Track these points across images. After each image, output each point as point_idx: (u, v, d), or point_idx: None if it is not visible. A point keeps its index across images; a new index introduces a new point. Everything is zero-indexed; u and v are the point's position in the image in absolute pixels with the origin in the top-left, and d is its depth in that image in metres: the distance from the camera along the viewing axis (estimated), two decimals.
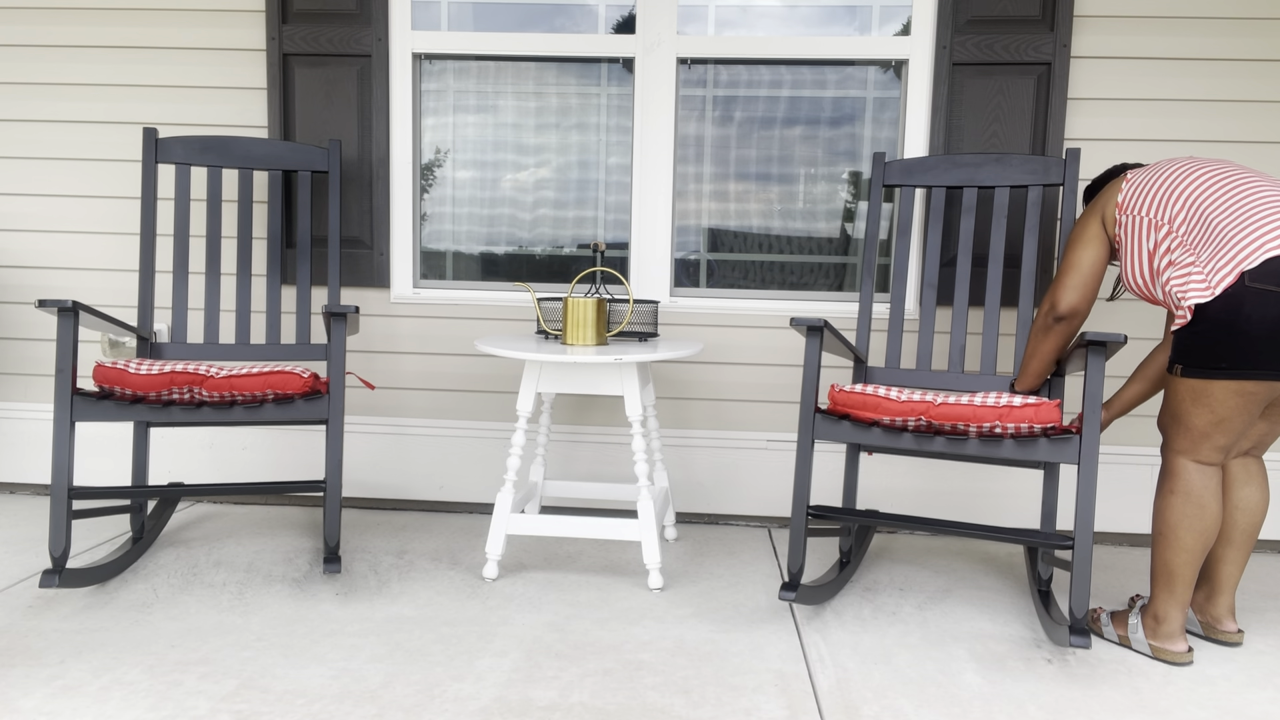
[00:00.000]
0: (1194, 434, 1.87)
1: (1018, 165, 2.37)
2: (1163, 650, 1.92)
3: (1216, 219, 1.83)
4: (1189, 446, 1.89)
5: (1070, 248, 2.06)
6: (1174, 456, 1.92)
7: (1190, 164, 1.96)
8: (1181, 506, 1.88)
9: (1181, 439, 1.89)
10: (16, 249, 2.91)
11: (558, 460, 2.88)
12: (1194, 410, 1.86)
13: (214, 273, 2.56)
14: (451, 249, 2.93)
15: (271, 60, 2.77)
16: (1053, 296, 2.06)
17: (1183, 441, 1.89)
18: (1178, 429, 1.90)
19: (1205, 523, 1.88)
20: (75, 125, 2.86)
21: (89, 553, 2.46)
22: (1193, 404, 1.86)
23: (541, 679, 1.77)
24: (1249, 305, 1.75)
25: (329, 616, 2.05)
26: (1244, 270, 1.75)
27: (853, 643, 1.98)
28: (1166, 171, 1.96)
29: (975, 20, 2.62)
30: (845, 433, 2.03)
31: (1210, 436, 1.86)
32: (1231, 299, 1.76)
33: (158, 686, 1.70)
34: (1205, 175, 1.91)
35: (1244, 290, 1.75)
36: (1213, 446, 1.87)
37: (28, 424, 2.96)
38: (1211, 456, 1.88)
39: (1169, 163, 2.00)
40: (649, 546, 2.25)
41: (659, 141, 2.78)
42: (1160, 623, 1.92)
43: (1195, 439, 1.88)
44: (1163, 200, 1.92)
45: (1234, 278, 1.76)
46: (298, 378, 2.16)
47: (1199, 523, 1.88)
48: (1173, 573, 1.90)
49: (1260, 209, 1.79)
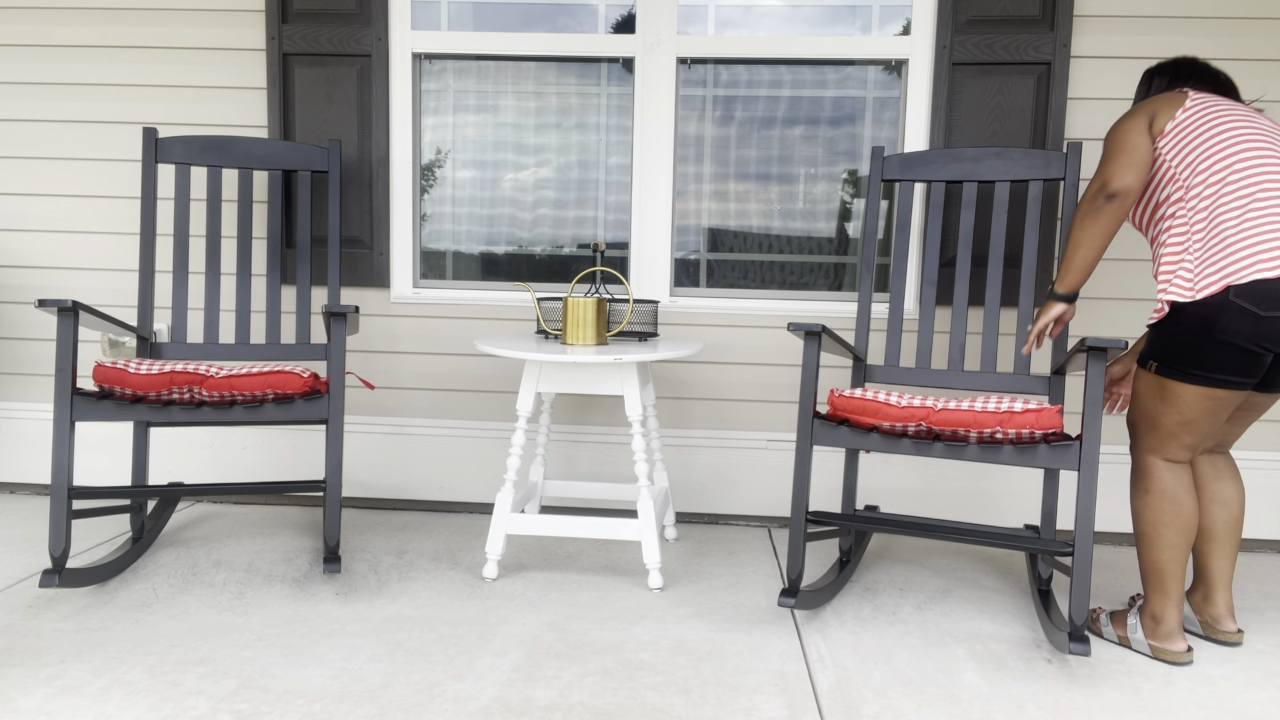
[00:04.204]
0: (1162, 433, 1.90)
1: (1018, 159, 2.35)
2: (1162, 650, 1.92)
3: (1223, 218, 1.81)
4: (1157, 445, 1.91)
5: (1118, 135, 1.92)
6: (1144, 455, 1.94)
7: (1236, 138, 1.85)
8: (1158, 505, 1.90)
9: (1150, 437, 1.92)
10: (16, 249, 2.91)
11: (558, 460, 2.88)
12: (1162, 409, 1.88)
13: (214, 273, 2.56)
14: (451, 249, 2.92)
15: (271, 60, 2.77)
16: (1103, 176, 1.90)
17: (1151, 440, 1.92)
18: (1146, 426, 1.92)
19: (1183, 518, 1.89)
20: (76, 125, 2.86)
21: (89, 553, 2.46)
22: (1162, 402, 1.88)
23: (541, 679, 1.77)
24: (1228, 317, 1.75)
25: (329, 616, 2.05)
26: (1231, 284, 1.75)
27: (853, 643, 1.98)
28: (1213, 134, 1.87)
29: (975, 20, 2.62)
30: (844, 438, 2.02)
31: (1177, 436, 1.88)
32: (1211, 307, 1.77)
33: (158, 686, 1.70)
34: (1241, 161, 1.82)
35: (1225, 302, 1.75)
36: (1180, 445, 1.90)
37: (28, 424, 2.96)
38: (1179, 454, 1.91)
39: (1221, 120, 1.88)
40: (649, 546, 2.25)
41: (659, 141, 2.78)
42: (1158, 622, 1.92)
43: (1163, 438, 1.90)
44: (1193, 166, 1.87)
45: (1219, 288, 1.76)
46: (298, 377, 2.16)
47: (1178, 519, 1.89)
48: (1161, 571, 1.91)
49: (1267, 222, 1.76)
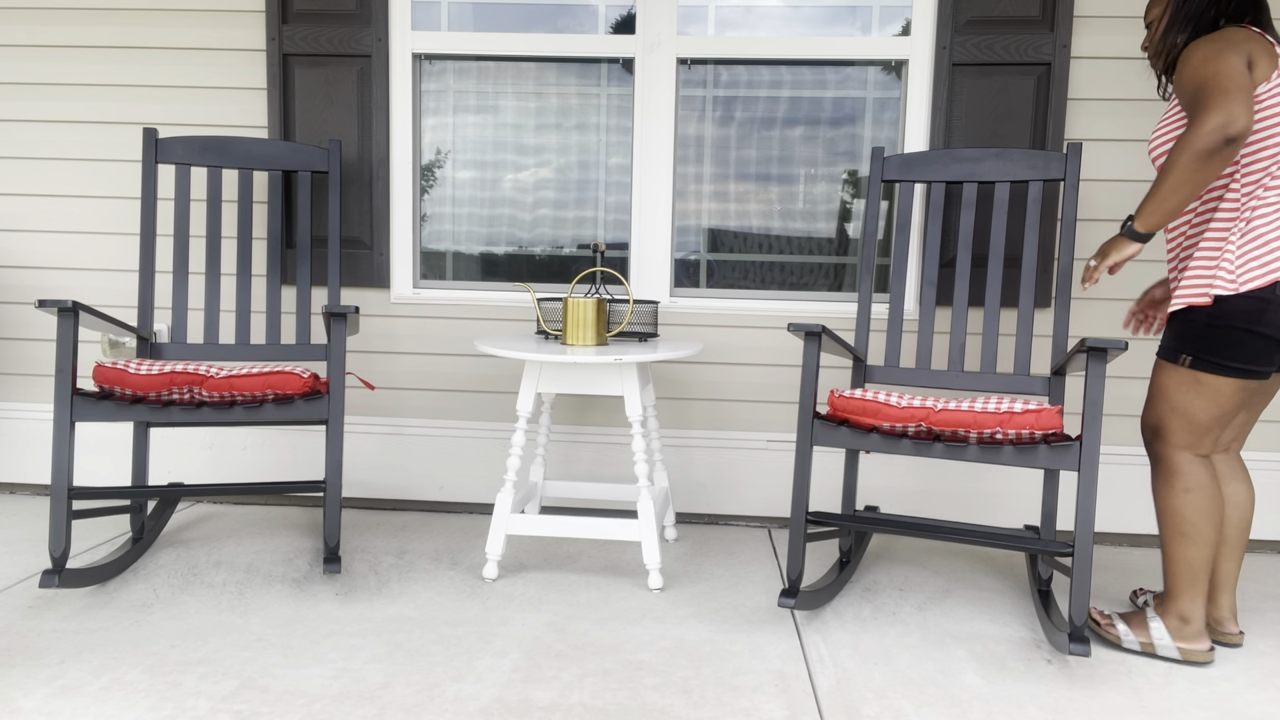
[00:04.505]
0: (1198, 427, 1.86)
1: (1019, 160, 2.34)
2: (1191, 651, 1.89)
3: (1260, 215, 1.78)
4: (1193, 440, 1.87)
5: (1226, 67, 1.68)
6: (1177, 453, 1.89)
7: None
8: (1198, 502, 1.87)
9: (1185, 433, 1.87)
10: (16, 249, 2.91)
11: (558, 460, 2.88)
12: (1198, 403, 1.84)
13: (214, 273, 2.56)
14: (451, 249, 2.92)
15: (271, 60, 2.76)
16: (1223, 113, 1.65)
17: (1186, 436, 1.87)
18: (1180, 423, 1.87)
19: (1219, 513, 1.87)
20: (75, 125, 2.86)
21: (89, 553, 2.46)
22: (1197, 396, 1.84)
23: (541, 679, 1.76)
24: (1271, 311, 1.76)
25: (329, 616, 2.05)
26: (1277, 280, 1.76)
27: (853, 643, 1.98)
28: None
29: (975, 20, 2.62)
30: (844, 438, 2.02)
31: (1211, 430, 1.86)
32: (1258, 300, 1.76)
33: (158, 687, 1.70)
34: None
35: (1272, 295, 1.76)
36: (1212, 439, 1.88)
37: (28, 424, 2.96)
38: (1210, 449, 1.89)
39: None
40: (649, 547, 2.25)
41: (659, 142, 2.78)
42: (1187, 622, 1.89)
43: (1199, 433, 1.86)
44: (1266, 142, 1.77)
45: (1265, 282, 1.76)
46: (298, 378, 2.16)
47: (1216, 515, 1.87)
48: (1196, 570, 1.88)
49: None
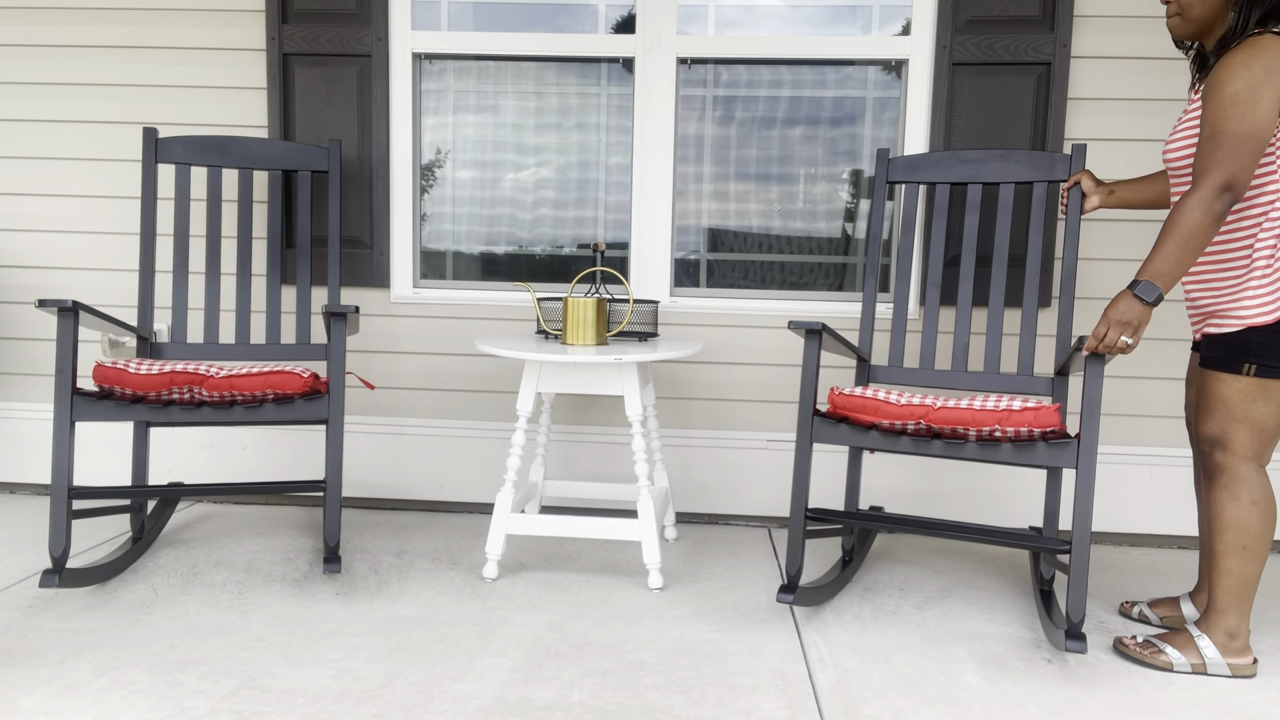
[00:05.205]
0: (1267, 435, 1.82)
1: (1022, 161, 2.34)
2: (1241, 666, 1.85)
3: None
4: (1260, 449, 1.83)
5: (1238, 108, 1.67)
6: (1245, 464, 1.84)
7: None
8: (1263, 515, 1.83)
9: (1254, 442, 1.83)
10: (17, 249, 2.91)
11: (558, 460, 2.88)
12: (1266, 410, 1.81)
13: (214, 273, 2.56)
14: (451, 249, 2.92)
15: (271, 60, 2.76)
16: (1228, 172, 1.67)
17: (1256, 445, 1.83)
18: (1248, 432, 1.82)
19: (1275, 525, 1.85)
20: (75, 125, 2.86)
21: (89, 553, 2.46)
22: (1265, 403, 1.80)
23: (541, 679, 1.76)
24: None
25: (329, 616, 2.05)
26: None
27: (853, 642, 1.98)
28: None
29: (975, 20, 2.62)
30: (844, 435, 2.02)
31: (1276, 436, 1.84)
32: None
33: (158, 686, 1.70)
34: None
35: None
36: (1273, 447, 1.85)
37: (28, 424, 2.96)
38: (1270, 457, 1.86)
39: None
40: (649, 546, 2.25)
41: (659, 141, 2.78)
42: (1235, 638, 1.86)
43: (1267, 441, 1.83)
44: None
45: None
46: (298, 377, 2.16)
47: (1274, 527, 1.84)
48: (1249, 584, 1.84)
49: None
